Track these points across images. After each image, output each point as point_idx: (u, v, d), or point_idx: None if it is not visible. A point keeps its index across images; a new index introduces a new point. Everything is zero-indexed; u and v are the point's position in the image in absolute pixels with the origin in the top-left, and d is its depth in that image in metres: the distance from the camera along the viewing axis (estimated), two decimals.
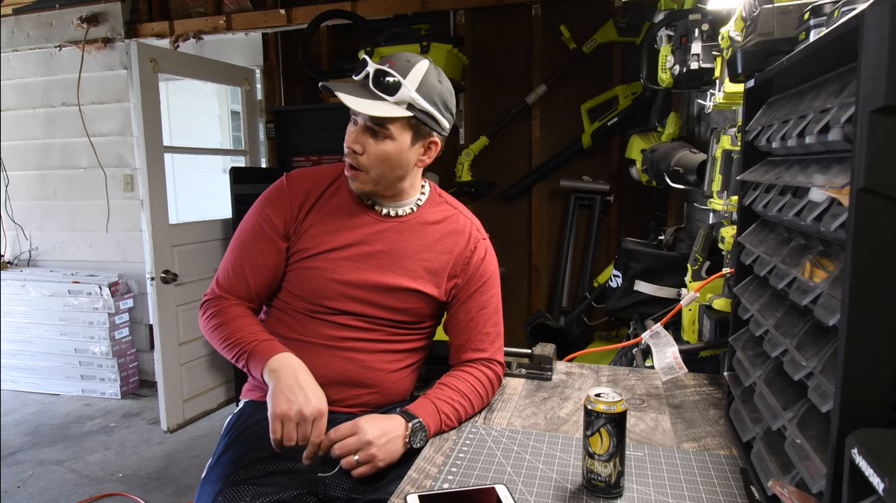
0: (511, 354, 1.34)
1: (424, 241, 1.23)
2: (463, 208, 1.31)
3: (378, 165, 1.17)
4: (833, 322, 0.54)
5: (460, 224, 1.27)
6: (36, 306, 3.50)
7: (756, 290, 0.86)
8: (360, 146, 1.14)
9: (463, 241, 1.25)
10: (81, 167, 3.64)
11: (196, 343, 3.17)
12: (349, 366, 1.17)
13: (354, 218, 1.21)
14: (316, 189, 1.24)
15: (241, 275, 1.20)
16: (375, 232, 1.21)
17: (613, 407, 0.81)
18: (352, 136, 1.15)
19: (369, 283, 1.18)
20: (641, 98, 2.86)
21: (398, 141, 1.16)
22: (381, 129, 1.13)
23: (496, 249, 1.36)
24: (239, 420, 1.20)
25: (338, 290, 1.17)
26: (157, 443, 2.86)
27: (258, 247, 1.20)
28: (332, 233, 1.20)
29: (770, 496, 0.67)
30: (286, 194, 1.22)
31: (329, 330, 1.18)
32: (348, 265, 1.18)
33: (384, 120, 1.12)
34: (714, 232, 1.49)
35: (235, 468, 1.05)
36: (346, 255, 1.18)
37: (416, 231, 1.23)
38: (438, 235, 1.24)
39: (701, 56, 1.47)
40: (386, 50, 2.87)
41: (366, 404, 1.20)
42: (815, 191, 0.64)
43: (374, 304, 1.18)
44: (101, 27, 3.49)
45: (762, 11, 0.89)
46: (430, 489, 0.85)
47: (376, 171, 1.17)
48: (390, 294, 1.19)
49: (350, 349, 1.17)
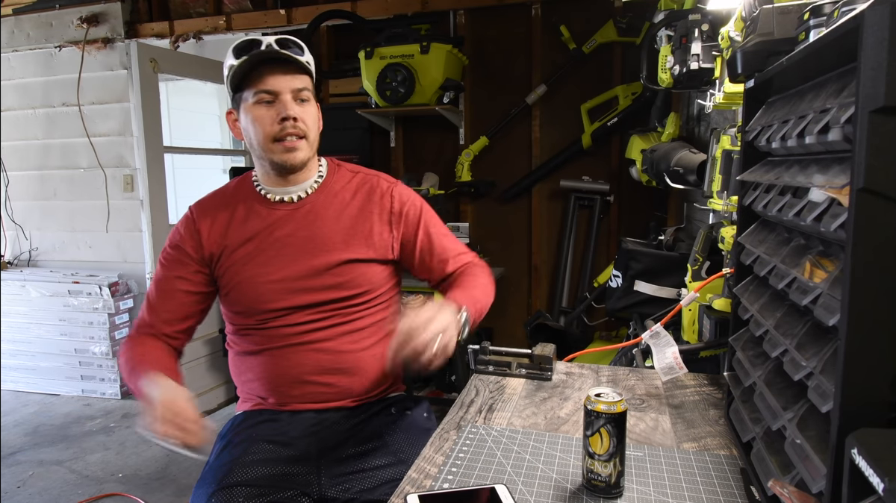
0: (511, 354, 1.34)
1: (341, 209, 1.24)
2: (364, 168, 1.34)
3: (313, 128, 1.21)
4: (833, 322, 0.54)
5: (369, 183, 1.29)
6: (36, 306, 3.50)
7: (756, 290, 0.85)
8: (296, 112, 1.16)
9: (377, 197, 1.27)
10: (81, 167, 3.64)
11: (196, 343, 3.17)
12: (319, 356, 1.18)
13: (264, 216, 1.22)
14: (221, 207, 1.25)
15: (154, 310, 1.20)
16: (290, 220, 1.21)
17: (613, 407, 0.81)
18: (284, 109, 1.15)
19: (303, 272, 1.18)
20: (641, 98, 2.86)
21: (313, 101, 1.22)
22: (304, 91, 1.18)
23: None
24: (233, 426, 1.21)
25: (276, 290, 1.18)
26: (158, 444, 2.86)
27: (172, 275, 1.21)
28: (248, 240, 1.20)
29: (770, 496, 0.67)
30: (193, 223, 1.23)
31: (287, 330, 1.18)
32: (276, 263, 1.19)
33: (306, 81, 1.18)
34: (714, 232, 1.49)
35: (229, 470, 1.05)
36: (270, 255, 1.19)
37: (329, 204, 1.24)
38: (352, 199, 1.25)
39: (701, 56, 1.47)
40: (386, 50, 2.87)
41: (349, 392, 1.21)
42: (814, 191, 0.64)
43: (316, 290, 1.18)
44: (101, 27, 3.49)
45: (762, 11, 0.89)
46: (430, 489, 0.85)
47: (312, 134, 1.20)
48: (328, 273, 1.19)
49: (314, 341, 1.18)
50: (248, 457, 1.08)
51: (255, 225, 1.21)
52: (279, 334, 1.18)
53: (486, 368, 1.33)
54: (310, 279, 1.18)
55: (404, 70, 2.84)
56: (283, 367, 1.18)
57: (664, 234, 2.16)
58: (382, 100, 2.93)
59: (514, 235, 3.27)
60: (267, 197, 1.23)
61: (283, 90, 1.15)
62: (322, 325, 1.19)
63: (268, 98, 1.15)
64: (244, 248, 1.20)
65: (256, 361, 1.21)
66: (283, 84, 1.14)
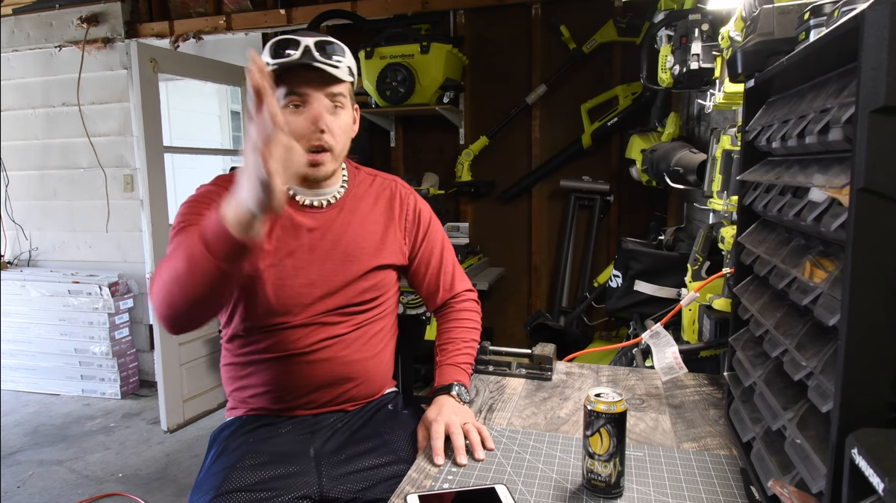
0: (511, 354, 1.34)
1: (367, 215, 1.22)
2: (380, 172, 1.32)
3: (342, 139, 1.13)
4: (833, 322, 0.54)
5: (388, 188, 1.28)
6: (36, 306, 3.50)
7: (756, 290, 0.85)
8: (324, 124, 1.08)
9: (397, 203, 1.26)
10: (81, 167, 3.64)
11: (196, 343, 3.17)
12: (332, 366, 1.16)
13: (293, 217, 1.16)
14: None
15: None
16: (320, 225, 1.17)
17: (613, 407, 0.81)
18: (314, 120, 1.06)
19: (334, 277, 1.15)
20: (641, 98, 2.86)
21: (348, 108, 1.15)
22: (339, 97, 1.10)
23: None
24: (224, 432, 1.17)
25: (303, 294, 1.14)
26: (158, 443, 2.86)
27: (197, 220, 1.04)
28: (276, 237, 1.13)
29: (770, 496, 0.67)
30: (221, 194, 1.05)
31: (304, 338, 1.14)
32: (305, 266, 1.14)
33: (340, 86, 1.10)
34: (714, 232, 1.49)
35: (226, 476, 1.03)
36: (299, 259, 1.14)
37: (356, 209, 1.21)
38: (375, 204, 1.24)
39: (701, 56, 1.47)
40: (386, 50, 2.87)
41: (353, 397, 1.20)
42: (814, 191, 0.64)
43: (343, 296, 1.17)
44: (101, 27, 3.49)
45: (762, 11, 0.89)
46: (430, 489, 0.85)
47: (339, 146, 1.13)
48: (359, 280, 1.18)
49: (329, 348, 1.16)
50: (246, 462, 1.05)
51: (283, 223, 1.15)
52: (296, 343, 1.14)
53: (486, 368, 1.33)
54: (334, 284, 1.15)
55: (404, 70, 2.84)
56: (293, 375, 1.14)
57: (664, 234, 2.16)
58: (382, 100, 2.93)
59: (514, 235, 3.27)
60: (296, 198, 1.17)
61: (316, 97, 1.08)
62: (338, 332, 1.16)
63: (298, 101, 1.08)
64: (270, 245, 1.12)
65: (263, 368, 1.16)
66: (317, 91, 1.07)
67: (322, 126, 1.08)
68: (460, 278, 1.34)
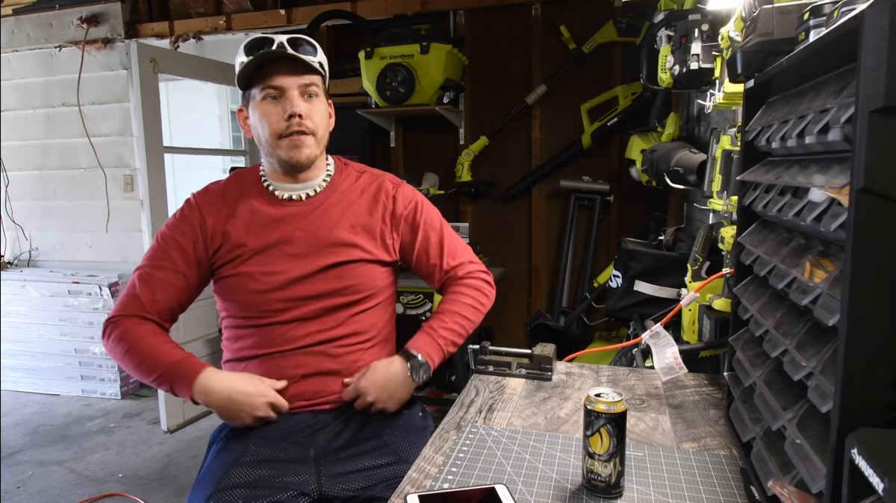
0: (511, 354, 1.34)
1: (349, 208, 1.24)
2: (370, 168, 1.34)
3: (321, 125, 1.19)
4: (833, 322, 0.54)
5: (375, 183, 1.29)
6: (36, 306, 3.50)
7: (756, 290, 0.85)
8: (301, 109, 1.15)
9: (383, 198, 1.27)
10: (81, 167, 3.64)
11: (196, 343, 3.17)
12: (318, 358, 1.18)
13: (270, 212, 1.21)
14: (225, 199, 1.23)
15: (146, 289, 1.18)
16: (297, 218, 1.21)
17: (613, 407, 0.81)
18: (290, 106, 1.14)
19: (308, 270, 1.18)
20: (641, 98, 2.86)
21: (322, 98, 1.21)
22: (312, 87, 1.17)
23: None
24: (224, 430, 1.19)
25: (279, 287, 1.17)
26: (157, 444, 2.86)
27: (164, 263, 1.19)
28: (253, 234, 1.19)
29: (770, 496, 0.67)
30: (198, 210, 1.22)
31: (286, 329, 1.17)
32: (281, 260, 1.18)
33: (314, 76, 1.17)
34: (714, 232, 1.49)
35: (226, 473, 1.04)
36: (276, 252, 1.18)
37: (337, 203, 1.24)
38: (359, 199, 1.26)
39: (701, 56, 1.47)
40: (386, 50, 2.87)
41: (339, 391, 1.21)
42: (814, 191, 0.64)
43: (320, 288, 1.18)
44: (101, 27, 3.49)
45: (762, 12, 0.89)
46: (430, 489, 0.85)
47: (320, 131, 1.19)
48: (333, 272, 1.19)
49: (314, 343, 1.18)
50: (245, 459, 1.07)
51: (261, 220, 1.20)
52: (277, 333, 1.17)
53: (486, 368, 1.33)
54: (315, 278, 1.18)
55: (404, 70, 2.84)
56: (280, 369, 1.17)
57: (664, 234, 2.16)
58: (382, 100, 2.93)
59: (514, 235, 3.27)
60: (275, 193, 1.22)
61: (289, 86, 1.15)
62: (323, 327, 1.19)
63: (274, 93, 1.15)
64: (248, 241, 1.18)
65: (253, 364, 1.20)
66: (290, 81, 1.14)
67: (299, 111, 1.14)
68: (463, 254, 1.33)
